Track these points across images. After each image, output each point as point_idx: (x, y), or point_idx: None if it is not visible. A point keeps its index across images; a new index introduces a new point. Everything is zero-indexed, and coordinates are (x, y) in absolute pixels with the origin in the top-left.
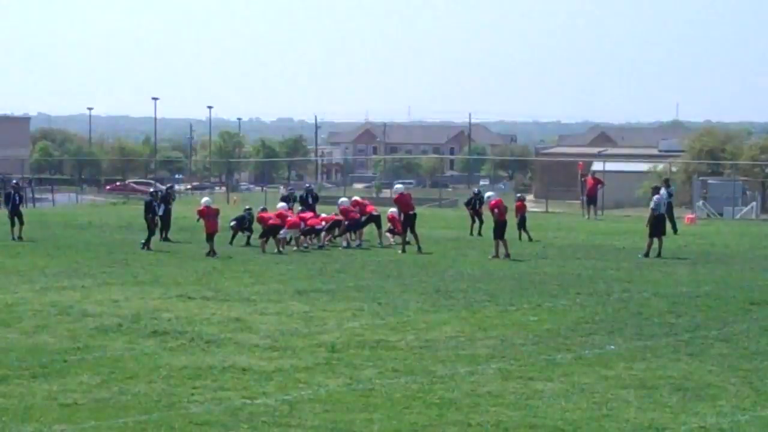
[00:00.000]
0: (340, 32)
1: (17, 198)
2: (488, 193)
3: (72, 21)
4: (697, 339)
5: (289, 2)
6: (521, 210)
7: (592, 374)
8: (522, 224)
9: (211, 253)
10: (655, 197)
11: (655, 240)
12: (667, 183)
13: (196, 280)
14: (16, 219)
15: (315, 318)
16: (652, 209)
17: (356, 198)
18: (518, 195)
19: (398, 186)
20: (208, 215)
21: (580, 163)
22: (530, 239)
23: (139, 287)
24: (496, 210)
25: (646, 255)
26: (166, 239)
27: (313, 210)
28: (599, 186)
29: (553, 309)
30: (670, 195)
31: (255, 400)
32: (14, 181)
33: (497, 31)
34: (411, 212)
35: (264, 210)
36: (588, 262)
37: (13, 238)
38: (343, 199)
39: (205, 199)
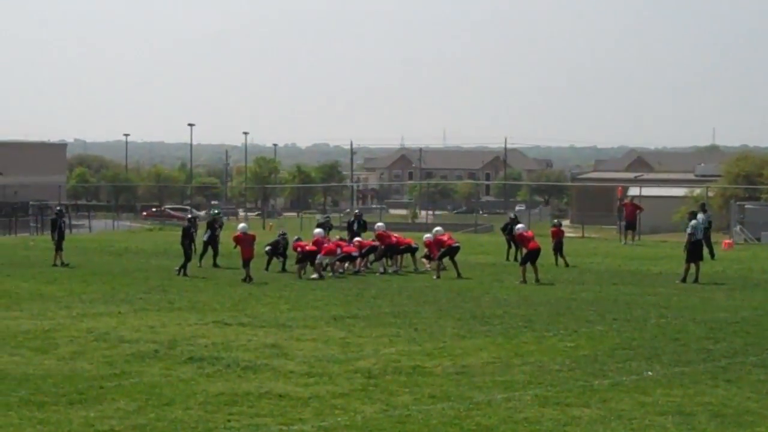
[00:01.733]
0: (375, 58)
1: (63, 224)
2: (519, 225)
3: (108, 48)
4: (736, 365)
5: (325, 29)
6: (557, 235)
7: (629, 400)
8: (558, 249)
9: (248, 279)
10: (692, 222)
11: (693, 265)
12: (704, 208)
13: (232, 306)
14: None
15: (351, 344)
16: (689, 234)
17: (396, 235)
18: (555, 221)
19: (437, 229)
20: (245, 241)
21: (620, 188)
22: (567, 264)
23: (175, 313)
24: (520, 241)
25: (683, 280)
26: (215, 265)
27: (358, 236)
28: (638, 212)
29: (590, 335)
30: (708, 221)
31: (291, 427)
32: (59, 208)
33: (533, 55)
34: (455, 245)
35: (299, 240)
36: (625, 288)
37: (55, 264)
38: (379, 224)
39: (241, 226)
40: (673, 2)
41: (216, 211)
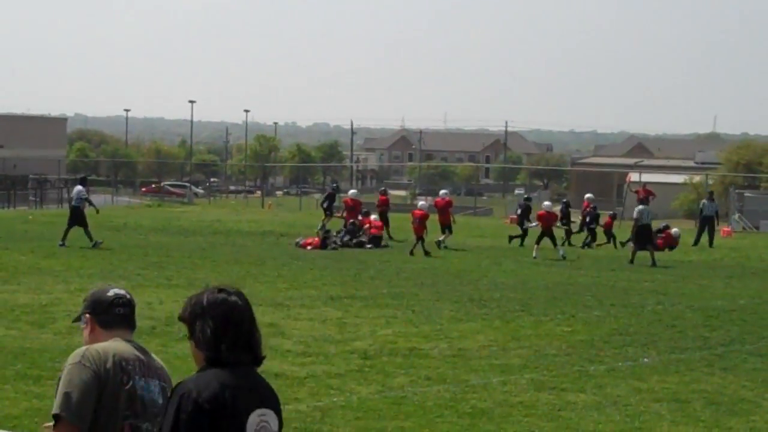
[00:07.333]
0: (377, 39)
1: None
2: (421, 203)
3: (110, 24)
4: (732, 353)
5: (326, 10)
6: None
7: (625, 386)
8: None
9: (426, 252)
10: (638, 207)
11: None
12: (711, 196)
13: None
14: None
15: (348, 324)
16: (635, 219)
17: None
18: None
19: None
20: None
21: (629, 176)
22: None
23: (172, 290)
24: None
25: (631, 262)
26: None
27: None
28: (651, 198)
29: (586, 320)
30: (716, 210)
31: (287, 406)
32: (335, 183)
33: (534, 40)
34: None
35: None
36: (622, 274)
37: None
38: (352, 191)
39: (421, 203)
40: None
41: (334, 185)
